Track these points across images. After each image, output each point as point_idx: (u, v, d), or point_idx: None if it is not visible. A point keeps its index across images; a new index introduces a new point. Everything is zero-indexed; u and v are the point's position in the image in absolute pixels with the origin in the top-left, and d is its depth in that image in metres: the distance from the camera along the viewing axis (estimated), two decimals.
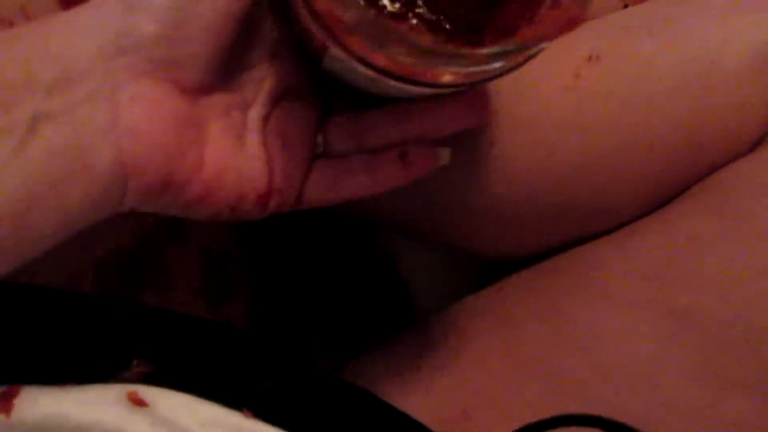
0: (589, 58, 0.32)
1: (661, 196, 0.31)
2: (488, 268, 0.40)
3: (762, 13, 0.30)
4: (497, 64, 0.22)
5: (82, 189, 0.22)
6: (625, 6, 0.42)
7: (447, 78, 0.22)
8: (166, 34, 0.22)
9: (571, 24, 0.22)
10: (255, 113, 0.26)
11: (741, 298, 0.27)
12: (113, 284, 0.30)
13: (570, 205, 0.33)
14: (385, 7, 0.23)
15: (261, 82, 0.26)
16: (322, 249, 0.43)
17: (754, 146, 0.30)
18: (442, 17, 0.23)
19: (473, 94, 0.27)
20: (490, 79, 0.24)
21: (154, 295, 0.31)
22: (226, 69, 0.24)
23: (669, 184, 0.31)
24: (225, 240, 0.36)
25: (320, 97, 0.27)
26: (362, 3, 0.21)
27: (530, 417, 0.28)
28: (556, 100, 0.32)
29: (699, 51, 0.30)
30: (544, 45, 0.22)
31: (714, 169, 0.30)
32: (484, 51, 0.21)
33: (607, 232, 0.33)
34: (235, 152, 0.25)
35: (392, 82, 0.23)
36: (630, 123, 0.31)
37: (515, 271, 0.36)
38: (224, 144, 0.25)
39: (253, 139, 0.25)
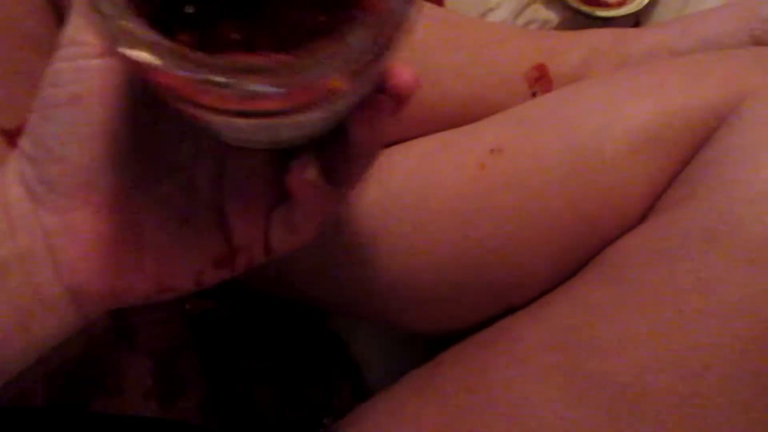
0: (492, 151, 0.35)
1: (567, 269, 0.35)
2: (434, 342, 0.43)
3: (631, 103, 0.34)
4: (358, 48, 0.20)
5: (41, 322, 0.24)
6: (534, 95, 0.47)
7: (334, 84, 0.20)
8: (63, 170, 0.23)
9: None
10: (200, 185, 0.26)
11: (638, 361, 0.30)
12: (64, 393, 0.32)
13: (488, 283, 0.36)
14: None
15: (196, 157, 0.26)
16: (274, 336, 0.45)
17: (641, 219, 0.33)
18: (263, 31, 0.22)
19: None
20: (367, 65, 0.21)
21: (105, 401, 0.33)
22: (151, 162, 0.25)
23: (571, 259, 0.34)
24: (175, 336, 0.38)
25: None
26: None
27: None
28: (465, 189, 0.35)
29: (582, 140, 0.34)
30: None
31: (608, 242, 0.34)
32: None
33: (527, 303, 0.36)
34: (180, 235, 0.25)
35: (286, 120, 0.21)
36: (530, 207, 0.34)
37: (453, 344, 0.39)
38: (166, 233, 0.25)
39: (201, 212, 0.26)
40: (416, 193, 0.37)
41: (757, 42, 0.47)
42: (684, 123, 0.33)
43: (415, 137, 0.41)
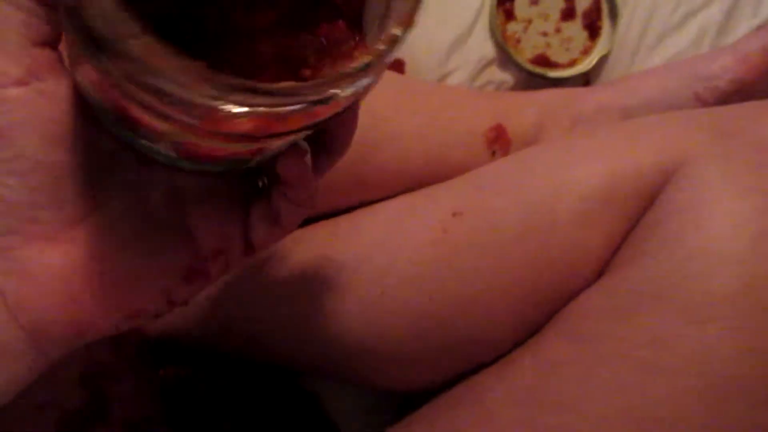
0: (453, 215, 0.37)
1: (530, 326, 0.36)
2: (407, 398, 0.44)
3: (581, 166, 0.36)
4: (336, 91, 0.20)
5: (5, 367, 0.23)
6: (493, 153, 0.49)
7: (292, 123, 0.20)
8: (0, 209, 0.22)
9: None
10: (154, 201, 0.25)
11: (594, 415, 0.31)
12: None
13: (454, 342, 0.37)
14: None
15: (145, 173, 0.25)
16: (248, 398, 0.45)
17: (597, 275, 0.35)
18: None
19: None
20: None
21: None
22: (96, 185, 0.24)
23: (534, 315, 0.36)
24: (149, 406, 0.38)
25: None
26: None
27: None
28: (430, 252, 0.37)
29: (536, 203, 0.36)
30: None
31: (569, 298, 0.35)
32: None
33: (494, 360, 0.37)
34: (140, 256, 0.24)
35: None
36: (491, 268, 0.35)
37: (426, 400, 0.40)
38: (125, 256, 0.24)
39: (159, 228, 0.24)
40: (384, 257, 0.38)
41: (699, 99, 0.50)
42: (631, 183, 0.35)
43: (380, 198, 0.42)
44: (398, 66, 0.52)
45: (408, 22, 0.22)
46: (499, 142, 0.49)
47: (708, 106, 0.47)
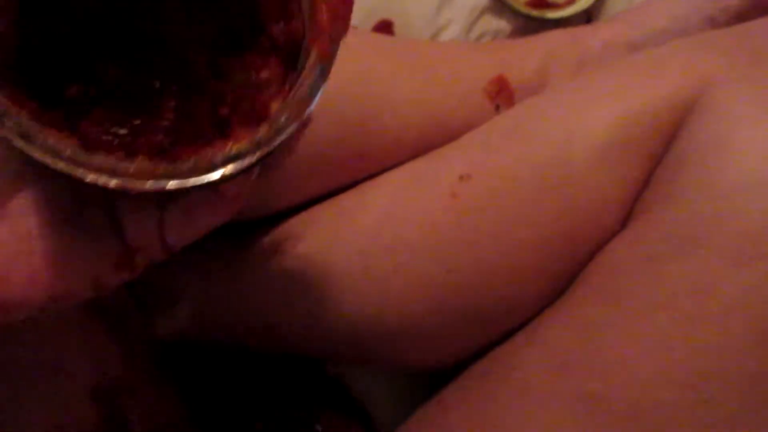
0: (461, 178, 0.34)
1: (556, 287, 0.34)
2: (439, 377, 0.42)
3: (593, 109, 0.34)
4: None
5: None
6: (497, 107, 0.46)
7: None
8: None
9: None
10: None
11: (639, 376, 0.29)
12: None
13: (478, 311, 0.35)
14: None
15: None
16: (274, 389, 0.44)
17: (621, 225, 0.33)
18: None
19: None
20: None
21: None
22: (26, 161, 0.22)
23: (559, 275, 0.33)
24: (171, 412, 0.37)
25: None
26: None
27: None
28: (440, 220, 0.34)
29: (548, 154, 0.33)
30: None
31: (593, 253, 0.33)
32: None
33: (521, 326, 0.35)
34: (71, 237, 0.24)
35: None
36: (508, 230, 0.33)
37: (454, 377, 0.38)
38: (55, 236, 0.23)
39: (90, 211, 0.24)
40: (392, 231, 0.36)
41: (713, 22, 0.47)
42: (649, 121, 0.33)
43: (383, 170, 0.40)
44: (386, 28, 0.50)
45: (296, 116, 0.22)
46: (501, 95, 0.46)
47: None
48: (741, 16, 0.45)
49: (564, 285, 0.34)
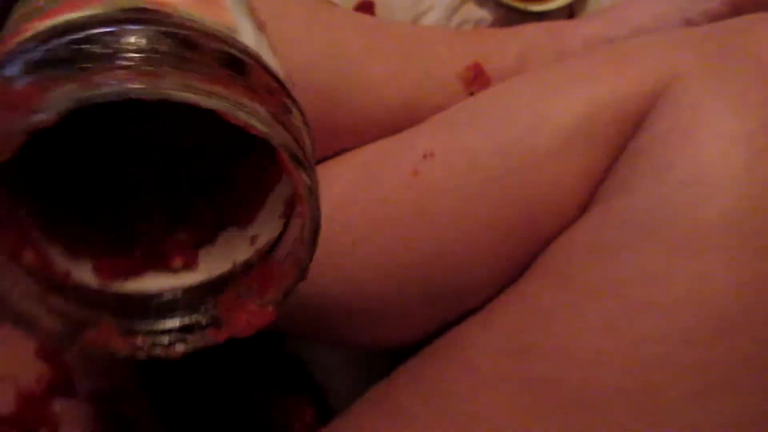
0: (424, 156, 0.34)
1: (513, 270, 0.34)
2: (399, 357, 0.42)
3: (561, 96, 0.34)
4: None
5: None
6: (472, 95, 0.46)
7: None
8: None
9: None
10: None
11: (586, 361, 0.29)
12: None
13: (435, 291, 0.34)
14: None
15: None
16: (230, 364, 0.44)
17: (581, 213, 0.33)
18: None
19: None
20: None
21: None
22: None
23: (516, 258, 0.33)
24: (119, 377, 0.36)
25: None
26: None
27: None
28: (402, 197, 0.34)
29: (514, 137, 0.33)
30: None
31: (551, 238, 0.33)
32: None
33: (479, 308, 0.35)
34: None
35: None
36: (468, 210, 0.33)
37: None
38: None
39: None
40: (354, 207, 0.36)
41: (692, 24, 0.47)
42: (615, 111, 0.33)
43: (353, 148, 0.40)
44: (368, 8, 0.49)
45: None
46: (477, 83, 0.46)
47: None
48: (719, 20, 0.45)
49: (520, 270, 0.34)
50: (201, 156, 0.25)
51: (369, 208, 0.36)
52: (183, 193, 0.25)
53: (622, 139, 0.32)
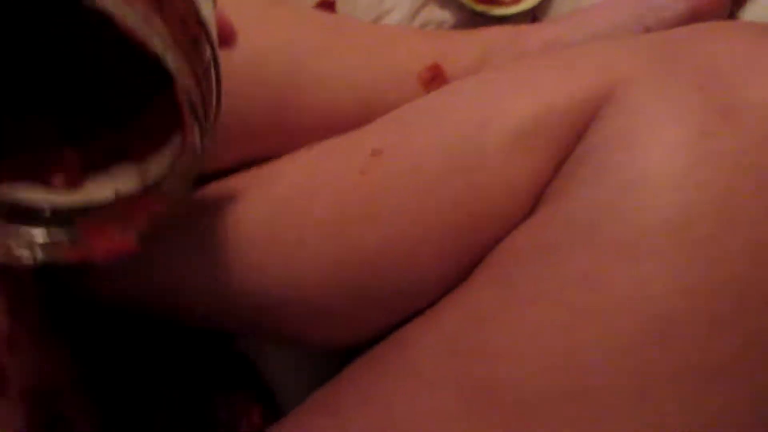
0: (373, 154, 0.34)
1: (458, 273, 0.33)
2: (349, 358, 0.41)
3: (510, 97, 0.33)
4: None
5: None
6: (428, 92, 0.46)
7: None
8: None
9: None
10: None
11: (526, 363, 0.29)
12: None
13: (378, 292, 0.34)
14: None
15: None
16: (175, 359, 0.43)
17: (527, 215, 0.33)
18: None
19: None
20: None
21: None
22: None
23: (462, 261, 0.33)
24: (57, 375, 0.35)
25: None
26: None
27: None
28: (347, 196, 0.34)
29: (461, 137, 0.33)
30: None
31: (497, 241, 0.33)
32: None
33: (423, 310, 0.35)
34: None
35: None
36: (412, 211, 0.33)
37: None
38: None
39: None
40: (301, 204, 0.35)
41: (649, 32, 0.47)
42: (562, 114, 0.33)
43: (303, 146, 0.39)
44: (329, 5, 0.49)
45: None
46: (435, 83, 0.45)
47: None
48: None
49: (467, 271, 0.33)
50: (114, 85, 0.25)
51: (316, 206, 0.35)
52: (86, 116, 0.24)
53: (569, 142, 0.32)
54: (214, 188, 0.40)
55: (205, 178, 0.40)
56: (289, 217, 0.35)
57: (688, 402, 0.28)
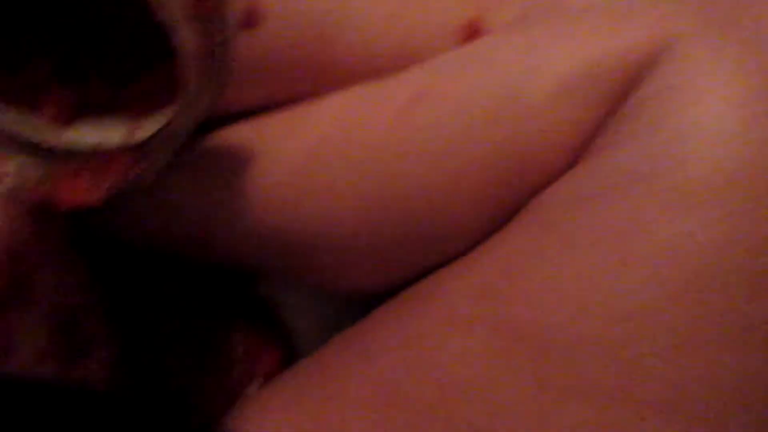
0: (412, 97, 0.33)
1: (496, 219, 0.33)
2: (373, 307, 0.41)
3: (559, 46, 0.33)
4: None
5: None
6: None
7: None
8: None
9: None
10: None
11: (564, 308, 0.28)
12: None
13: (415, 234, 0.34)
14: None
15: None
16: (192, 297, 0.43)
17: (570, 166, 0.32)
18: None
19: None
20: None
21: None
22: None
23: (501, 208, 0.33)
24: (80, 292, 0.35)
25: None
26: None
27: None
28: (387, 136, 0.33)
29: (507, 84, 0.32)
30: None
31: (538, 189, 0.32)
32: None
33: (457, 257, 0.34)
34: None
35: None
36: (452, 154, 0.32)
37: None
38: None
39: None
40: (335, 145, 0.35)
41: None
42: (612, 67, 0.32)
43: (335, 89, 0.39)
44: None
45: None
46: (473, 39, 0.45)
47: None
48: None
49: (504, 219, 0.33)
50: (117, 43, 0.24)
51: (353, 147, 0.35)
52: (86, 62, 0.24)
53: (618, 95, 0.32)
54: (245, 127, 0.39)
55: (234, 116, 0.40)
56: (323, 160, 0.35)
57: (723, 359, 0.27)
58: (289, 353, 0.45)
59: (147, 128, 0.24)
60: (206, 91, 0.22)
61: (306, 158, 0.36)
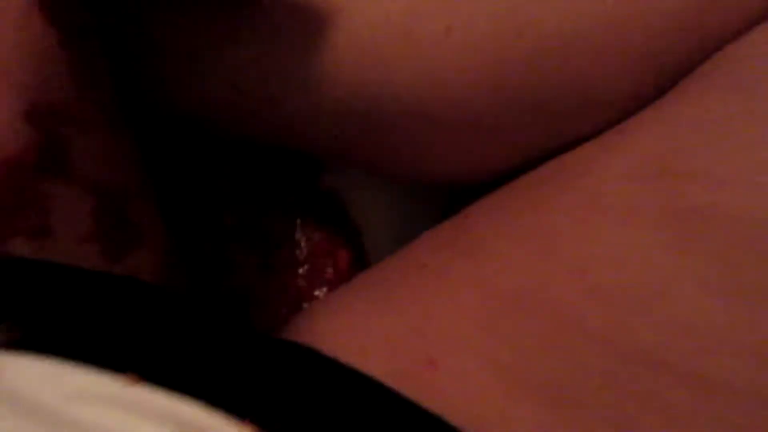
0: None
1: (659, 83, 0.26)
2: (453, 204, 0.35)
3: None
4: None
5: None
6: None
7: None
8: None
9: None
10: None
11: (754, 188, 0.22)
12: None
13: (549, 100, 0.26)
14: None
15: None
16: (256, 189, 0.36)
17: (756, 21, 0.24)
18: None
19: None
20: None
21: (27, 242, 0.25)
22: None
23: (668, 66, 0.25)
24: (126, 172, 0.29)
25: None
26: None
27: (508, 358, 0.22)
28: None
29: None
30: None
31: (722, 44, 0.25)
32: None
33: (595, 135, 0.27)
34: None
35: None
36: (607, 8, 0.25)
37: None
38: None
39: None
40: None
41: None
42: None
43: None
44: None
45: None
46: None
47: None
48: None
49: (669, 83, 0.26)
50: None
51: None
52: None
53: None
54: None
55: None
56: (433, 6, 0.27)
57: None
58: (359, 253, 0.39)
59: None
60: None
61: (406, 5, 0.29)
